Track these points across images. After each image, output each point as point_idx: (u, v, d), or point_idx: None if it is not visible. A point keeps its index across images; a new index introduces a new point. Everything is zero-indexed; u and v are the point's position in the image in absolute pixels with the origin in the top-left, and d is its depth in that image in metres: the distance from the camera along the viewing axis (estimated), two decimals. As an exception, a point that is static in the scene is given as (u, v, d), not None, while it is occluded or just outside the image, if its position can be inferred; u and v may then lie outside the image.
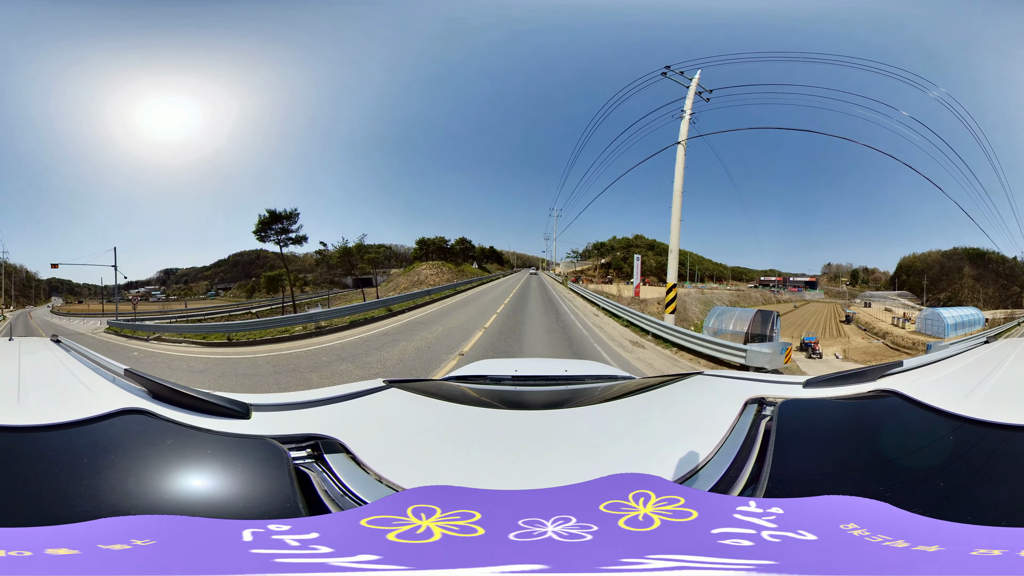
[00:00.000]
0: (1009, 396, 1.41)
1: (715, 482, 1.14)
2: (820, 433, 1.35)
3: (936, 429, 1.21)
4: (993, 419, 1.17)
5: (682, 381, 2.04)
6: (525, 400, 2.10)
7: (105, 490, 0.98)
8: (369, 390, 1.84)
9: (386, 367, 10.88)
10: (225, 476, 1.11)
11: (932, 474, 1.06)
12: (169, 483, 1.04)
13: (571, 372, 2.65)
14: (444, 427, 1.62)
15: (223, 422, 1.36)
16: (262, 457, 1.14)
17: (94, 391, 1.53)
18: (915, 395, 1.35)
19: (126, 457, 1.10)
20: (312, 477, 1.16)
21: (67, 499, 0.93)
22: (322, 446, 1.29)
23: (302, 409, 1.61)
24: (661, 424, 1.64)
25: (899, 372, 1.70)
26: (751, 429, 1.36)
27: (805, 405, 1.48)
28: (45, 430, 1.14)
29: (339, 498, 1.12)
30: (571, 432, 1.56)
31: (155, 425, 1.24)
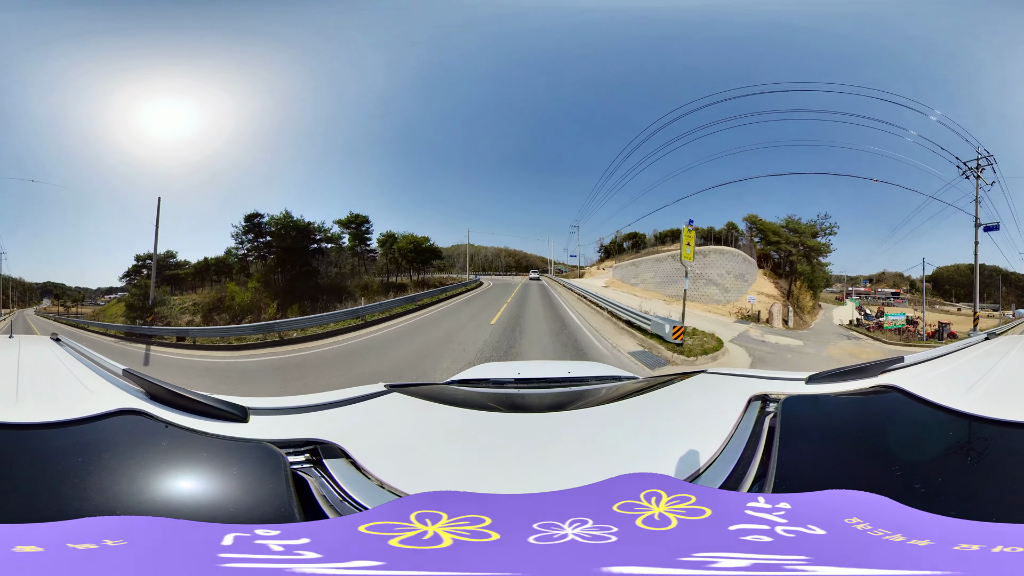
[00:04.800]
0: (1009, 393, 1.41)
1: (723, 479, 1.14)
2: (823, 429, 1.35)
3: (936, 425, 1.22)
4: (993, 415, 1.17)
5: (686, 380, 2.04)
6: (529, 403, 2.09)
7: (96, 490, 0.96)
8: (370, 395, 1.82)
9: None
10: (219, 479, 1.09)
11: (931, 469, 1.07)
12: (161, 485, 1.03)
13: (574, 374, 2.65)
14: (447, 431, 1.60)
15: (220, 425, 1.34)
16: (258, 461, 1.13)
17: (92, 390, 1.51)
18: (916, 391, 1.35)
19: (120, 457, 1.09)
20: (310, 482, 1.14)
21: (58, 497, 0.92)
22: (321, 451, 1.27)
23: (301, 414, 1.59)
24: (666, 423, 1.63)
25: (900, 368, 1.70)
26: (756, 426, 1.36)
27: (808, 401, 1.48)
28: (41, 428, 1.13)
29: (338, 504, 1.10)
30: (576, 434, 1.55)
31: (151, 426, 1.22)
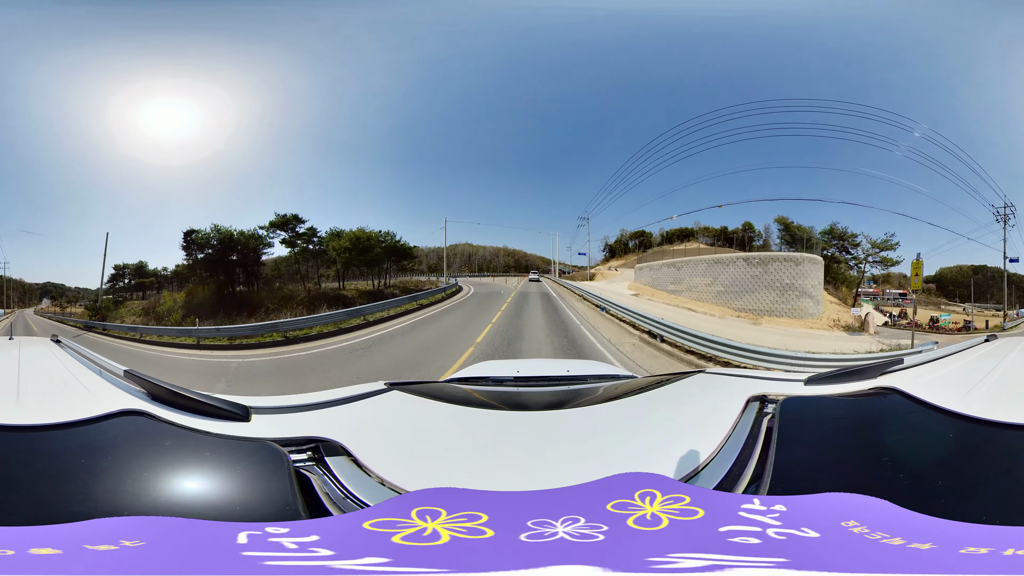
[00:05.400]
0: (1009, 395, 1.41)
1: (719, 480, 1.14)
2: (821, 430, 1.35)
3: (936, 427, 1.21)
4: (993, 417, 1.17)
5: (684, 380, 2.05)
6: (527, 401, 2.10)
7: (101, 491, 0.97)
8: (370, 392, 1.83)
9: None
10: (223, 479, 1.10)
11: (931, 472, 1.07)
12: (166, 485, 1.04)
13: (573, 372, 2.66)
14: (446, 429, 1.61)
15: (223, 424, 1.35)
16: (261, 460, 1.14)
17: (93, 392, 1.52)
18: (915, 393, 1.35)
19: (124, 458, 1.10)
20: (313, 480, 1.16)
21: (62, 499, 0.93)
22: (323, 449, 1.28)
23: (302, 412, 1.60)
24: (663, 423, 1.64)
25: (900, 370, 1.70)
26: (753, 427, 1.36)
27: (807, 402, 1.48)
28: (43, 430, 1.14)
29: (340, 501, 1.11)
30: (574, 432, 1.55)
31: (154, 427, 1.23)
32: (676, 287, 17.93)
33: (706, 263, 17.30)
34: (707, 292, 16.67)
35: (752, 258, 14.26)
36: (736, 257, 16.62)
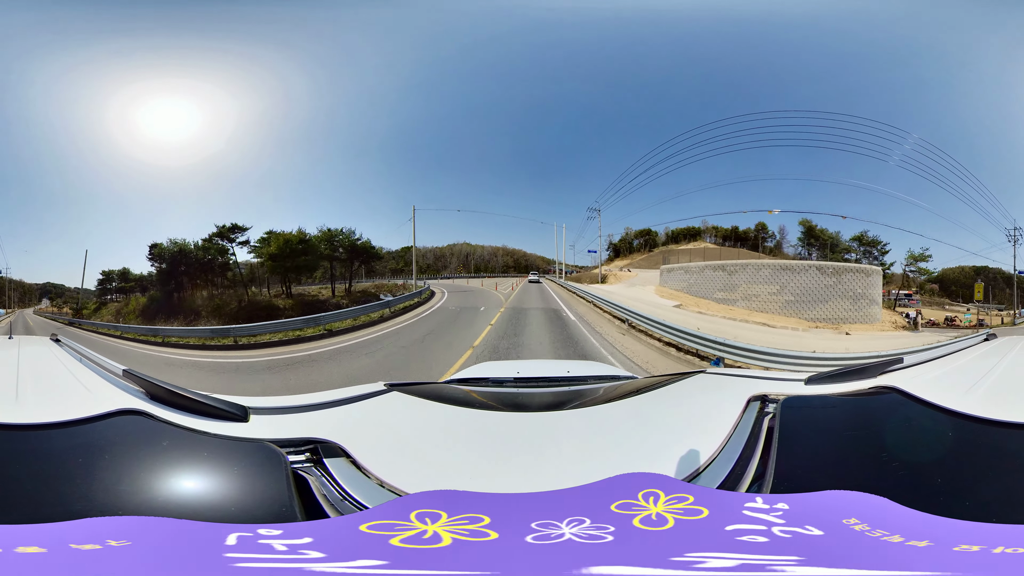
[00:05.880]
0: (1009, 393, 1.41)
1: (721, 479, 1.14)
2: (822, 429, 1.35)
3: (936, 426, 1.21)
4: (992, 416, 1.17)
5: (685, 380, 2.04)
6: (528, 402, 2.09)
7: (98, 490, 0.97)
8: (370, 394, 1.83)
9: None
10: (220, 479, 1.09)
11: (930, 470, 1.07)
12: (162, 485, 1.03)
13: (573, 373, 2.66)
14: (446, 430, 1.61)
15: (221, 425, 1.34)
16: (259, 460, 1.13)
17: (92, 391, 1.51)
18: (915, 392, 1.35)
19: (121, 458, 1.09)
20: (311, 481, 1.15)
21: (60, 498, 0.92)
22: (322, 450, 1.27)
23: (301, 413, 1.60)
24: (664, 423, 1.63)
25: (900, 369, 1.70)
26: (754, 426, 1.36)
27: (807, 402, 1.48)
28: (42, 429, 1.13)
29: (339, 503, 1.10)
30: (575, 433, 1.55)
31: (152, 426, 1.22)
32: (727, 295, 15.35)
33: (770, 269, 15.18)
34: (772, 302, 14.56)
35: (826, 267, 13.47)
36: (808, 265, 15.35)
